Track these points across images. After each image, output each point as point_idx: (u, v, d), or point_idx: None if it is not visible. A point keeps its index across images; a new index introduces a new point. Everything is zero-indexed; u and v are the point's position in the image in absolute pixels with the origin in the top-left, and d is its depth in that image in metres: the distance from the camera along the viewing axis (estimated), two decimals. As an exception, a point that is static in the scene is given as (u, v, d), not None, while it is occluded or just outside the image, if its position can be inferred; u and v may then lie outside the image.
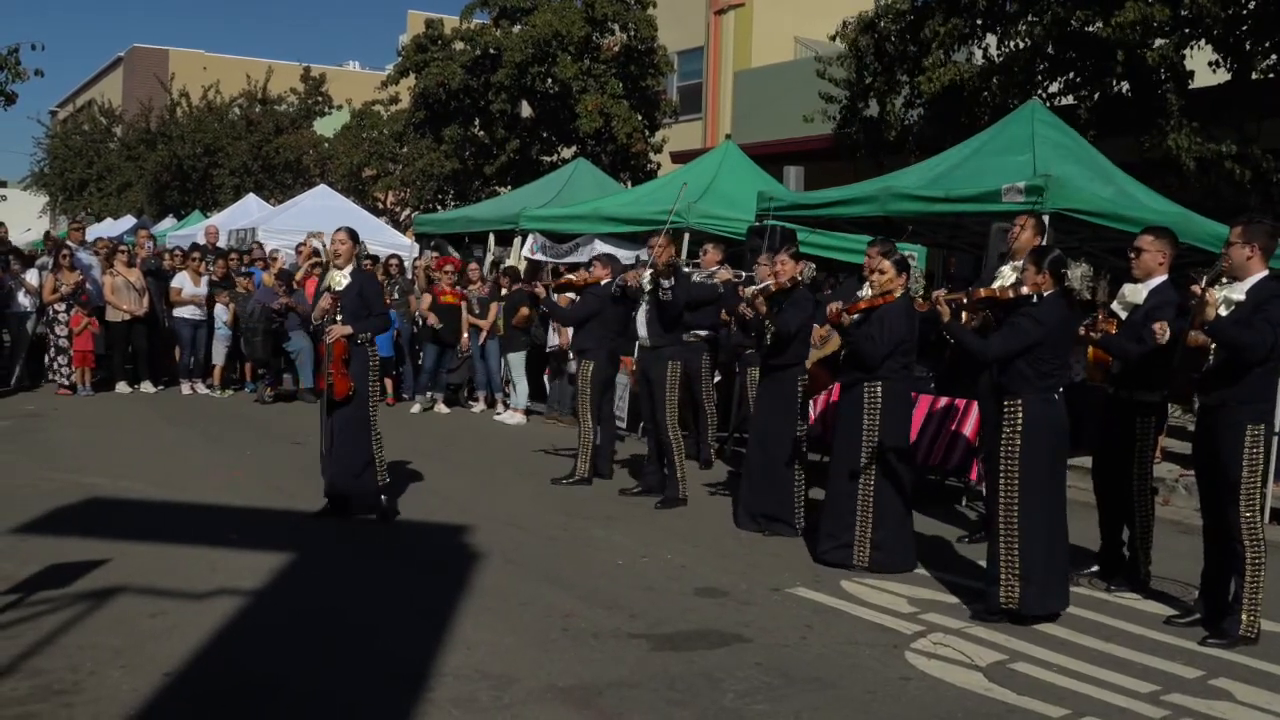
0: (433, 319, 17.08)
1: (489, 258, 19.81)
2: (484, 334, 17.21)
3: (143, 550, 8.64)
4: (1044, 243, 10.04)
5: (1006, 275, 9.43)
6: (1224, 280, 7.43)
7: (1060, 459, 7.83)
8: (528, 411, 16.81)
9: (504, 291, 17.15)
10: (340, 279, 9.76)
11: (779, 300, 10.22)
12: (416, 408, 17.44)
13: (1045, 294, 7.70)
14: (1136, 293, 8.50)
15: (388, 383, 17.98)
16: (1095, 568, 8.92)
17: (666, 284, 10.99)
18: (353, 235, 10.03)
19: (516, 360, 16.79)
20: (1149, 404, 8.59)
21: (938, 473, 11.97)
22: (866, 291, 9.32)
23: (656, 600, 7.97)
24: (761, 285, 10.69)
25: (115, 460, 12.34)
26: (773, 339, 10.19)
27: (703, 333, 12.85)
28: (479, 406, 17.79)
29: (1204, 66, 15.92)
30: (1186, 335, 7.56)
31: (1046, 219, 10.93)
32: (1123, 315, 8.58)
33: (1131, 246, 8.64)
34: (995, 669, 6.86)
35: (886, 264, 9.09)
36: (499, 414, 17.04)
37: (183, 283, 18.35)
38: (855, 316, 8.96)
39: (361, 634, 7.08)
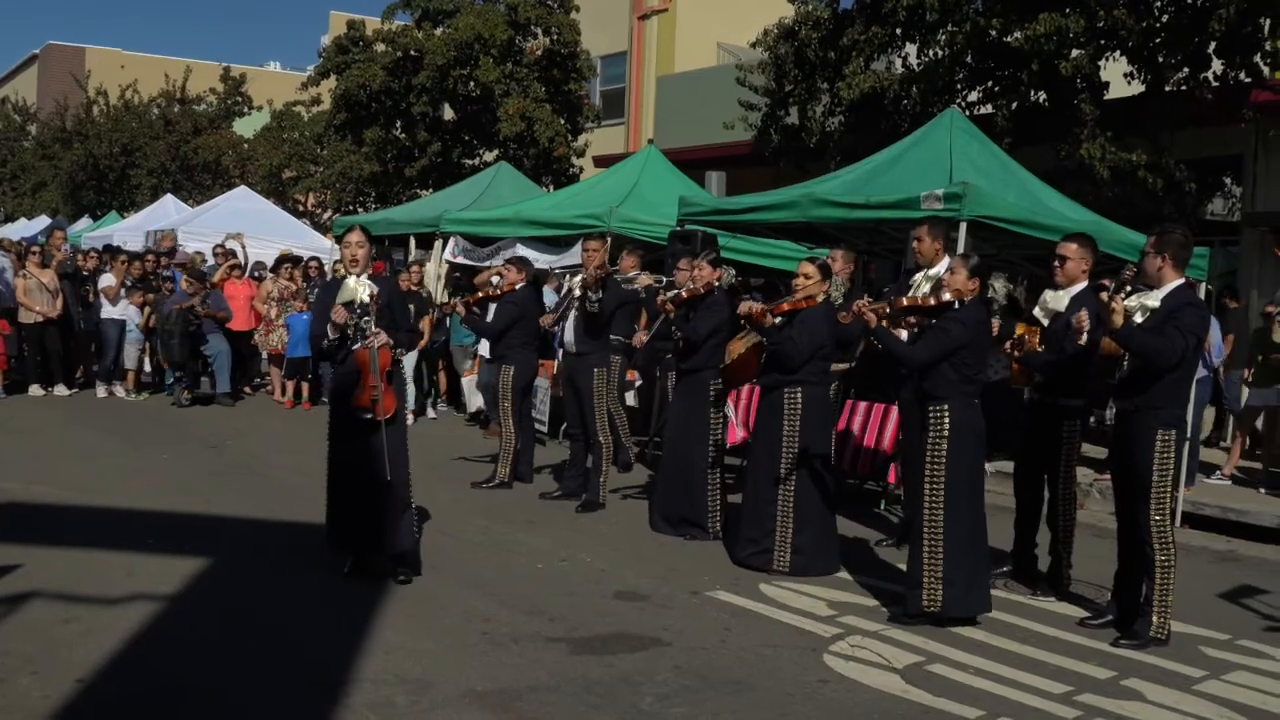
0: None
1: (432, 265, 19.52)
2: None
3: (56, 555, 8.52)
4: (961, 249, 10.17)
5: (921, 283, 9.53)
6: (1128, 288, 7.56)
7: (981, 463, 7.95)
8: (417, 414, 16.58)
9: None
10: (362, 286, 8.22)
11: (693, 305, 10.28)
12: None
13: (967, 299, 7.81)
14: (1058, 299, 8.62)
15: (304, 386, 17.90)
16: (1007, 568, 9.03)
17: (595, 296, 11.02)
18: (371, 237, 8.63)
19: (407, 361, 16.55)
20: (1073, 408, 8.72)
21: (857, 477, 12.06)
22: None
23: (576, 604, 7.98)
24: (673, 291, 10.77)
25: (28, 464, 12.14)
26: (682, 344, 10.26)
27: (618, 338, 12.87)
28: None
29: (1119, 78, 16.17)
30: (1101, 342, 7.69)
31: (964, 225, 11.05)
32: (1045, 322, 8.71)
33: (1055, 254, 8.76)
34: (912, 671, 6.92)
35: (811, 268, 9.17)
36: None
37: (111, 282, 18.06)
38: (778, 319, 9.03)
39: (279, 639, 7.02)
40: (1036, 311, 8.84)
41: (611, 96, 31.97)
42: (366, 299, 8.13)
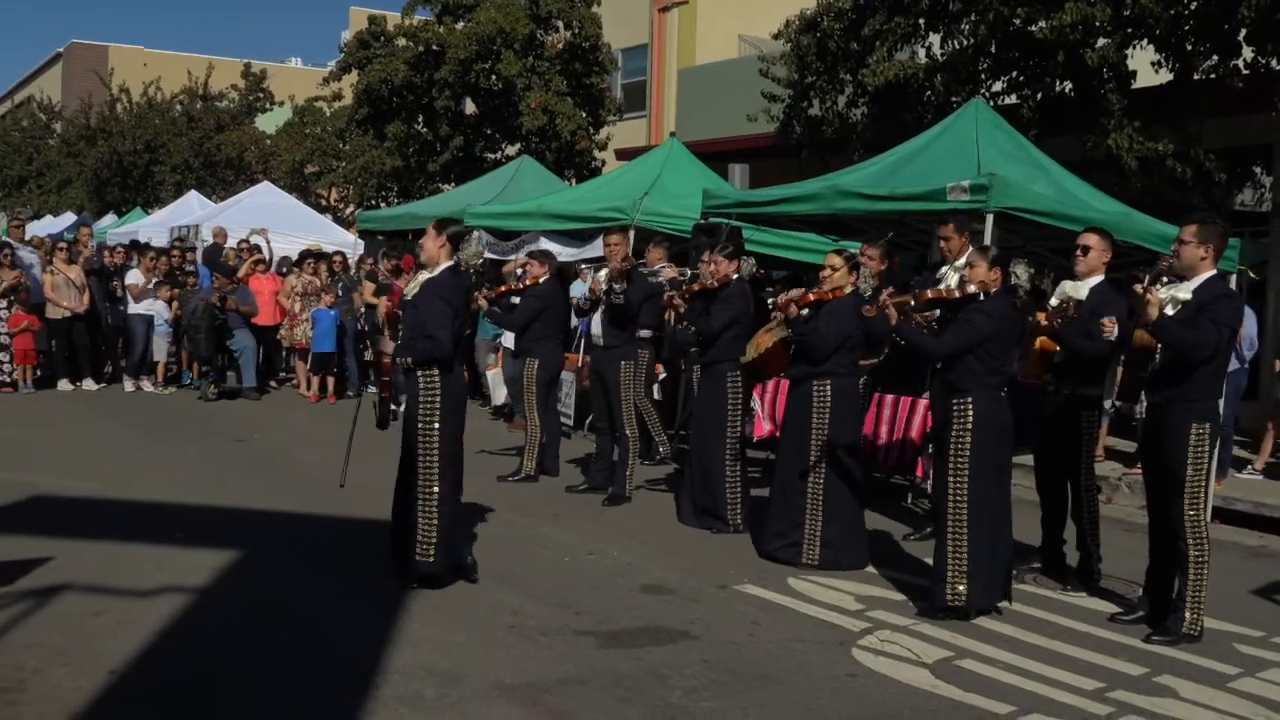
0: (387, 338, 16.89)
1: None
2: None
3: (86, 548, 8.54)
4: (987, 241, 10.12)
5: (950, 277, 9.48)
6: (1164, 280, 7.48)
7: (1007, 456, 7.90)
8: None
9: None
10: (413, 286, 8.15)
11: (709, 298, 10.26)
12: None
13: (992, 291, 7.77)
14: (1077, 289, 8.56)
15: (330, 380, 17.94)
16: (1037, 564, 8.98)
17: (619, 288, 11.02)
18: (444, 230, 8.26)
19: None
20: (1092, 398, 8.67)
21: (884, 470, 12.01)
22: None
23: (603, 597, 7.96)
24: (682, 279, 10.77)
25: (58, 458, 12.20)
26: (699, 337, 10.26)
27: (646, 333, 12.85)
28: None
29: (1146, 66, 16.03)
30: (1134, 335, 7.61)
31: (991, 217, 10.99)
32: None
33: (1077, 244, 8.70)
34: (942, 666, 6.89)
35: (837, 260, 9.13)
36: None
37: (138, 278, 18.19)
38: (804, 310, 9.00)
39: (308, 632, 7.03)
40: (1054, 302, 8.77)
41: (633, 89, 31.88)
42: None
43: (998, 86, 17.41)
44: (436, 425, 7.86)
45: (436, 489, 7.84)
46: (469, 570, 8.12)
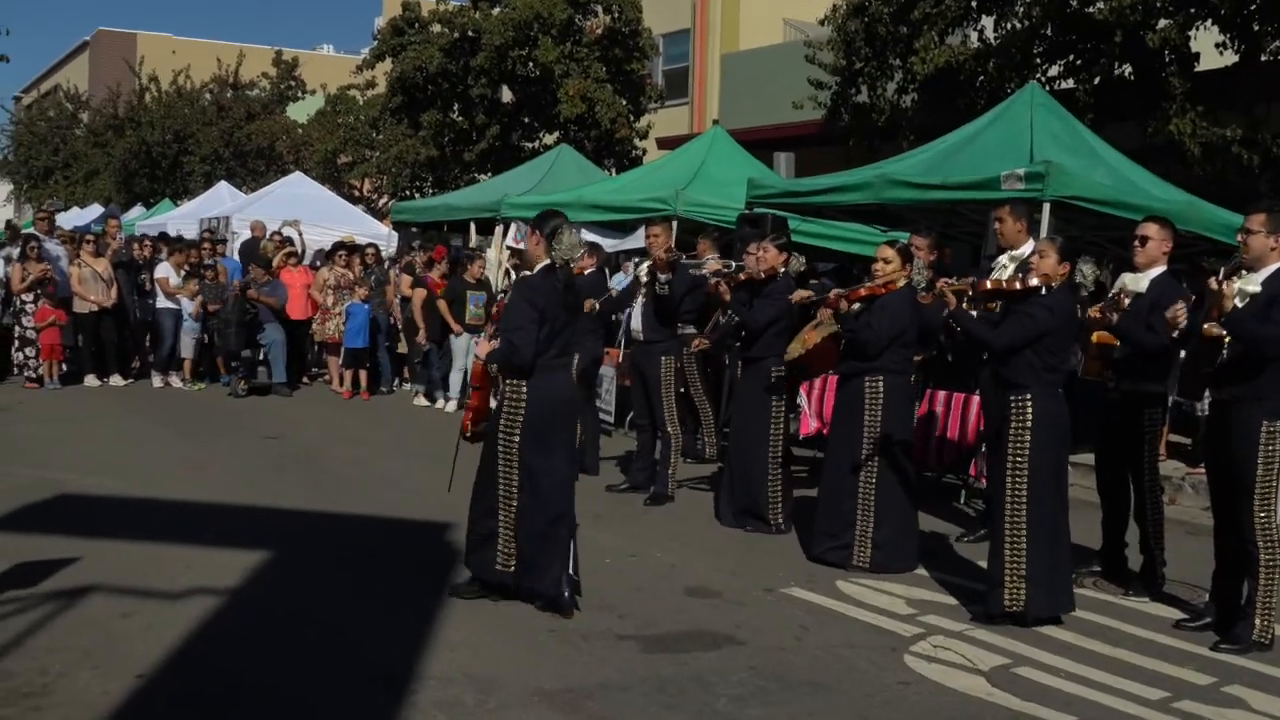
0: (421, 333, 16.96)
1: (493, 251, 19.47)
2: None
3: (114, 548, 8.56)
4: (1045, 233, 10.03)
5: (1005, 266, 9.39)
6: (1243, 272, 7.36)
7: (1064, 455, 7.82)
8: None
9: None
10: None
11: (754, 290, 10.19)
12: (422, 401, 17.47)
13: (1054, 285, 7.67)
14: (1137, 282, 8.45)
15: (362, 375, 17.95)
16: (1098, 568, 8.87)
17: (664, 278, 10.98)
18: (541, 226, 7.57)
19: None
20: (1154, 395, 8.55)
21: (936, 469, 11.92)
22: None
23: (646, 600, 7.92)
24: (728, 270, 10.70)
25: (84, 455, 12.26)
26: (741, 330, 10.20)
27: (691, 329, 12.78)
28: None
29: (1210, 48, 15.85)
30: (1201, 328, 7.49)
31: (1047, 207, 10.90)
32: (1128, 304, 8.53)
33: (1136, 234, 8.59)
34: (998, 673, 6.81)
35: (890, 252, 9.06)
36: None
37: (167, 272, 18.28)
38: (855, 305, 8.93)
39: (341, 635, 7.01)
40: (1113, 295, 8.65)
41: (674, 76, 31.84)
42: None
43: (1053, 70, 17.31)
44: (517, 439, 7.50)
45: (516, 503, 7.52)
46: (562, 605, 7.48)
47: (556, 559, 7.52)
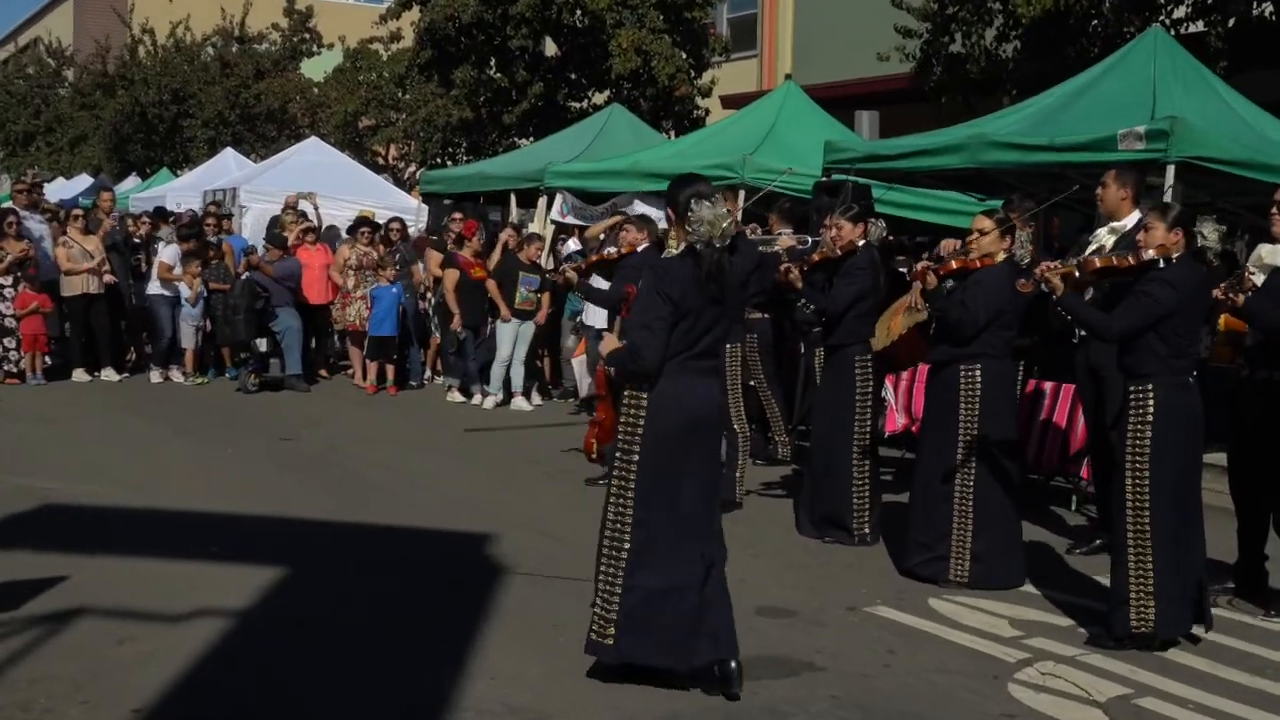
0: (456, 319, 16.91)
1: (536, 226, 19.35)
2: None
3: (107, 565, 8.64)
4: (1168, 198, 9.95)
5: (1104, 238, 9.34)
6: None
7: (1196, 454, 7.74)
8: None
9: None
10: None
11: (831, 269, 10.16)
12: (456, 396, 17.49)
13: (1174, 256, 7.61)
14: (1275, 255, 8.39)
15: (389, 369, 17.97)
16: (1232, 584, 8.80)
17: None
18: (676, 194, 6.89)
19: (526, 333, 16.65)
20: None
21: (1042, 471, 11.88)
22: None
23: (712, 622, 7.92)
24: (803, 247, 10.69)
25: (73, 460, 12.37)
26: (820, 316, 10.19)
27: (758, 315, 12.76)
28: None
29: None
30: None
31: (1171, 169, 10.83)
32: (1259, 280, 8.44)
33: (1275, 200, 8.52)
34: (1118, 705, 6.79)
35: (987, 223, 9.01)
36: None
37: (173, 258, 18.19)
38: (946, 280, 8.90)
39: (365, 662, 7.04)
40: (1250, 268, 8.59)
41: (741, 25, 31.81)
42: None
43: (1180, 13, 17.15)
44: (636, 457, 6.69)
45: (629, 544, 6.68)
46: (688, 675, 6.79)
47: (680, 616, 6.74)
